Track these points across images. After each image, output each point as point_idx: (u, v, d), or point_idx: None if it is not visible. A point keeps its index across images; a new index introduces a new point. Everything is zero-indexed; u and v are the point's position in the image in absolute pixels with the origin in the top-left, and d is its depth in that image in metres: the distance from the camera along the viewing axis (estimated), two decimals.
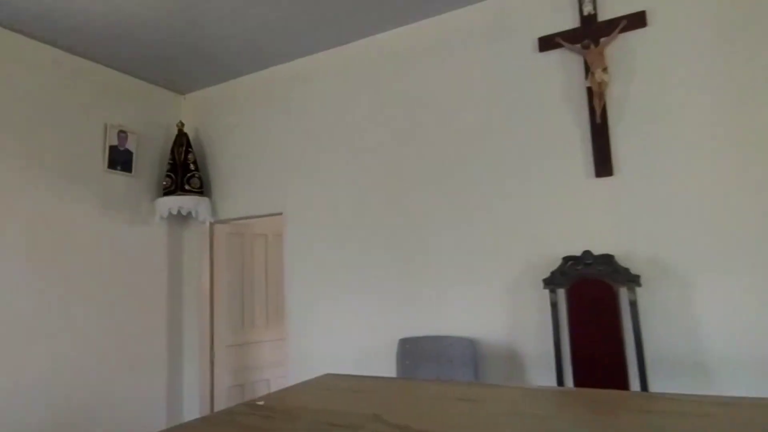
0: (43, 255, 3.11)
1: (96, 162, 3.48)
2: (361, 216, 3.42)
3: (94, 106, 3.52)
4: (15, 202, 2.99)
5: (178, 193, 3.69)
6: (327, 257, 3.49)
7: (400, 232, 3.29)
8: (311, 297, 3.53)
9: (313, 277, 3.53)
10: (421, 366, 3.09)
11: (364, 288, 3.36)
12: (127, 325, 3.60)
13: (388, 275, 3.29)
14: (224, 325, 4.09)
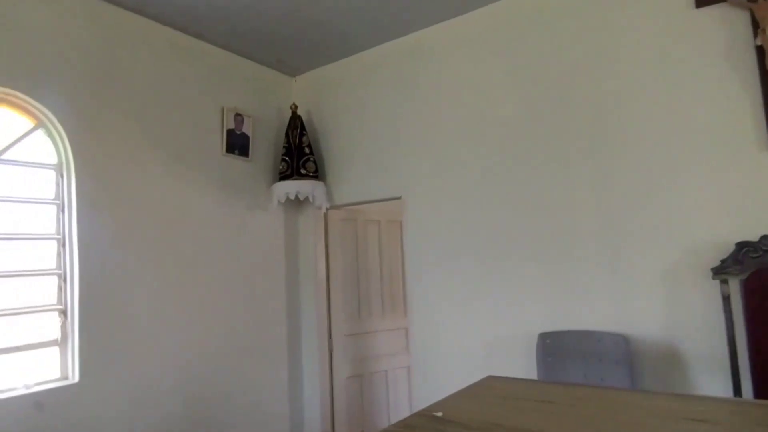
0: (165, 242, 3.03)
1: (214, 146, 3.37)
2: (489, 199, 3.01)
3: (210, 89, 3.40)
4: (138, 188, 2.92)
5: (294, 177, 3.50)
6: (452, 243, 3.12)
7: (535, 216, 2.86)
8: (435, 285, 3.18)
9: (437, 265, 3.18)
10: (566, 364, 2.68)
11: (494, 277, 2.96)
12: (248, 313, 3.49)
13: (522, 263, 2.88)
14: (341, 314, 3.89)
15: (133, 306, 2.85)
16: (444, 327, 3.14)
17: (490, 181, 3.03)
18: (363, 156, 3.57)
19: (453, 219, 3.14)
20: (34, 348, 2.57)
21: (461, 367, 3.05)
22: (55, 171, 2.67)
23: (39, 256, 2.63)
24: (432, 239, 3.21)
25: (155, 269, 2.97)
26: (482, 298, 3.01)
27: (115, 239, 2.80)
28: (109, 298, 2.74)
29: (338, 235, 3.92)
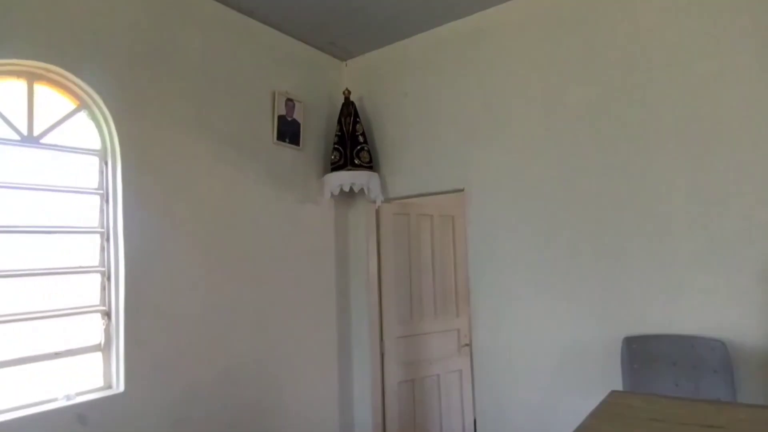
0: (213, 238, 2.73)
1: (265, 133, 3.05)
2: (565, 189, 2.69)
3: (261, 71, 3.07)
4: (187, 177, 2.62)
5: (348, 167, 3.18)
6: (521, 239, 2.80)
7: (618, 208, 2.53)
8: (501, 284, 2.87)
9: (504, 262, 2.87)
10: (655, 372, 2.38)
11: (570, 275, 2.64)
12: (298, 314, 3.18)
13: (603, 260, 2.55)
14: (393, 315, 3.56)
15: (181, 306, 2.56)
16: (511, 330, 2.83)
17: (566, 170, 2.69)
18: (421, 145, 3.23)
19: (522, 212, 2.81)
20: (75, 354, 2.29)
21: (530, 374, 2.75)
22: (98, 157, 2.37)
23: (80, 251, 2.35)
24: (498, 234, 2.89)
25: (203, 267, 2.67)
26: (556, 299, 2.69)
27: (163, 233, 2.51)
28: (155, 297, 2.45)
29: (390, 231, 3.60)
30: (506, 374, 2.83)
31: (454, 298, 3.89)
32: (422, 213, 3.77)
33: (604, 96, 2.61)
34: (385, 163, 3.41)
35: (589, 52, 2.66)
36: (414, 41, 3.33)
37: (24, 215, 2.16)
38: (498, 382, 2.86)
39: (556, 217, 2.70)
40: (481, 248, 2.97)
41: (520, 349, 2.80)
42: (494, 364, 2.88)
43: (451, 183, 3.09)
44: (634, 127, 2.50)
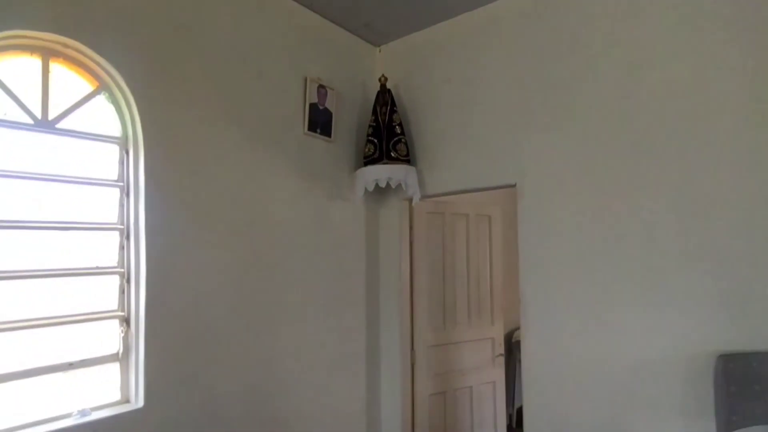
0: (242, 237, 2.51)
1: (295, 123, 2.80)
2: (641, 180, 2.37)
3: (294, 55, 2.83)
4: (215, 170, 2.39)
5: (384, 161, 2.94)
6: (584, 238, 2.52)
7: (706, 205, 2.20)
8: (559, 290, 2.60)
9: (563, 265, 2.58)
10: (761, 396, 2.03)
11: (647, 279, 2.33)
12: (327, 321, 2.95)
13: (692, 261, 2.22)
14: (425, 322, 3.33)
15: (206, 312, 2.34)
16: (570, 342, 2.55)
17: (645, 158, 2.35)
18: (464, 136, 2.97)
19: (587, 208, 2.52)
20: (90, 365, 2.07)
21: (593, 395, 2.46)
22: (118, 146, 2.14)
23: (97, 250, 2.13)
24: (557, 234, 2.61)
25: (230, 269, 2.45)
26: (628, 307, 2.38)
27: (189, 231, 2.28)
28: (179, 302, 2.22)
29: (424, 231, 3.37)
30: (563, 392, 2.57)
31: (489, 305, 3.68)
32: (457, 212, 3.55)
33: (703, 74, 2.23)
34: (422, 157, 3.16)
35: (688, 19, 2.28)
36: (459, 21, 3.05)
37: (34, 209, 1.93)
38: (553, 401, 2.60)
39: (629, 215, 2.39)
40: (535, 250, 2.70)
41: (580, 364, 2.52)
42: (548, 380, 2.62)
43: (501, 178, 2.82)
44: (733, 107, 2.16)
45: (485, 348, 3.64)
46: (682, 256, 2.26)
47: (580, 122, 2.56)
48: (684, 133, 2.27)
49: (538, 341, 2.66)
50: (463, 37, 3.03)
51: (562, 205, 2.61)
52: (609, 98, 2.48)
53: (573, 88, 2.59)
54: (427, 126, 3.16)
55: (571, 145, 2.58)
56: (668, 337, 2.28)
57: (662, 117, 2.33)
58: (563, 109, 2.62)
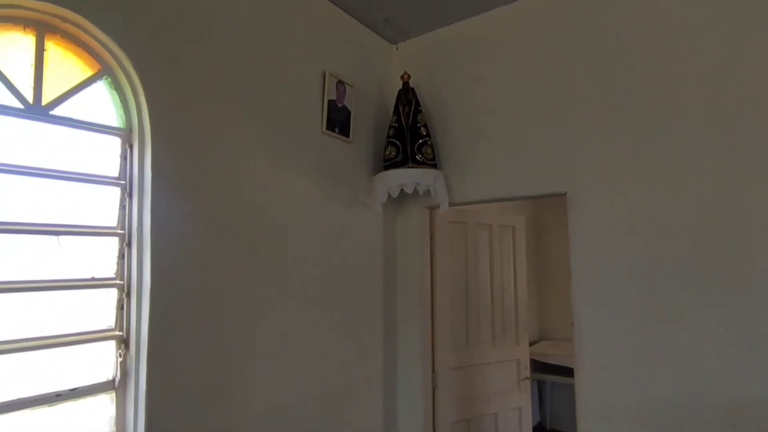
0: (258, 246, 2.27)
1: (313, 120, 2.60)
2: (729, 192, 2.13)
3: (313, 48, 2.64)
4: (229, 169, 2.16)
5: (410, 164, 2.73)
6: (644, 257, 2.30)
7: None
8: (621, 312, 2.35)
9: (626, 284, 2.34)
10: None
11: (735, 308, 2.09)
12: (343, 341, 2.71)
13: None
14: (447, 342, 3.10)
15: (221, 332, 2.08)
16: (626, 369, 2.31)
17: (734, 168, 2.11)
18: (502, 140, 2.77)
19: (658, 223, 2.28)
20: (81, 395, 1.78)
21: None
22: (121, 139, 1.90)
23: (92, 258, 1.87)
24: (617, 250, 2.38)
25: (245, 282, 2.20)
26: (704, 343, 2.12)
27: (201, 238, 2.03)
28: (189, 320, 1.96)
29: (446, 242, 3.16)
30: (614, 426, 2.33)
31: (514, 323, 3.47)
32: (481, 222, 3.35)
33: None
34: (448, 161, 2.96)
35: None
36: (493, 16, 2.88)
37: (21, 208, 1.67)
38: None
39: (705, 229, 2.16)
40: (591, 267, 2.45)
41: (649, 402, 2.25)
42: (608, 420, 2.35)
43: (548, 185, 2.60)
44: None
45: (511, 371, 3.41)
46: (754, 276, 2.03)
47: (649, 125, 2.34)
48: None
49: (597, 373, 2.40)
50: (498, 33, 2.87)
51: (625, 217, 2.37)
52: (691, 100, 2.25)
53: (634, 88, 2.39)
54: (453, 128, 2.97)
55: (636, 151, 2.36)
56: (753, 366, 2.02)
57: (751, 120, 2.10)
58: (625, 111, 2.41)
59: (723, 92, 2.18)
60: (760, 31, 2.12)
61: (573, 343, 2.51)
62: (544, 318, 5.00)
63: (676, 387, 2.21)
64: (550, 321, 4.96)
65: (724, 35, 2.20)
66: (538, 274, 5.01)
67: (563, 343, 4.66)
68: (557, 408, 4.70)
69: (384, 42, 3.21)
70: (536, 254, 4.98)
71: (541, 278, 5.02)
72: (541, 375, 4.43)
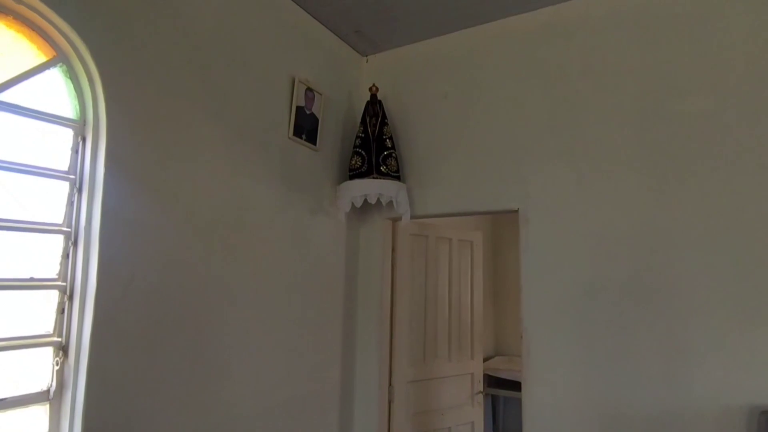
0: (215, 250, 2.15)
1: (279, 125, 2.53)
2: (663, 215, 2.27)
3: (283, 53, 2.59)
4: (189, 169, 2.05)
5: (374, 175, 2.71)
6: (598, 271, 2.38)
7: (745, 241, 2.10)
8: (568, 326, 2.42)
9: (573, 300, 2.42)
10: None
11: (670, 322, 2.19)
12: (300, 349, 2.61)
13: (721, 306, 2.11)
14: (405, 355, 3.05)
15: (171, 341, 1.95)
16: (581, 390, 2.35)
17: (668, 195, 2.26)
18: (462, 156, 2.81)
19: (601, 240, 2.38)
20: (8, 407, 1.60)
21: None
22: (74, 131, 1.76)
23: (32, 257, 1.71)
24: (567, 266, 2.46)
25: (202, 288, 2.09)
26: (646, 352, 2.21)
27: (154, 238, 1.91)
28: (136, 327, 1.83)
29: (407, 255, 3.13)
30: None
31: (470, 338, 3.46)
32: (441, 236, 3.35)
33: (726, 105, 2.19)
34: (411, 174, 2.95)
35: (701, 54, 2.27)
36: (461, 36, 2.93)
37: None
38: None
39: (649, 248, 2.28)
40: (540, 282, 2.51)
41: (591, 413, 2.31)
42: (545, 425, 2.41)
43: (502, 202, 2.66)
44: (755, 149, 2.12)
45: (464, 384, 3.40)
46: (710, 297, 2.14)
47: (594, 151, 2.47)
48: (704, 166, 2.21)
49: (543, 386, 2.44)
50: (463, 53, 2.92)
51: (571, 235, 2.47)
52: (626, 129, 2.40)
53: (583, 115, 2.52)
54: (417, 142, 2.98)
55: (580, 173, 2.49)
56: (697, 388, 2.11)
57: (682, 149, 2.27)
58: (572, 135, 2.53)
59: (653, 123, 2.35)
60: (688, 68, 2.30)
61: None
62: (500, 333, 5.05)
63: (618, 398, 2.28)
64: (505, 336, 5.02)
65: (657, 72, 2.37)
66: (494, 290, 5.07)
67: (517, 358, 4.70)
68: (510, 423, 4.73)
69: (355, 53, 3.19)
70: (493, 270, 5.04)
71: (497, 294, 5.08)
72: (495, 390, 4.44)
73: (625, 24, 2.48)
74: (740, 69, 2.21)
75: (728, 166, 2.17)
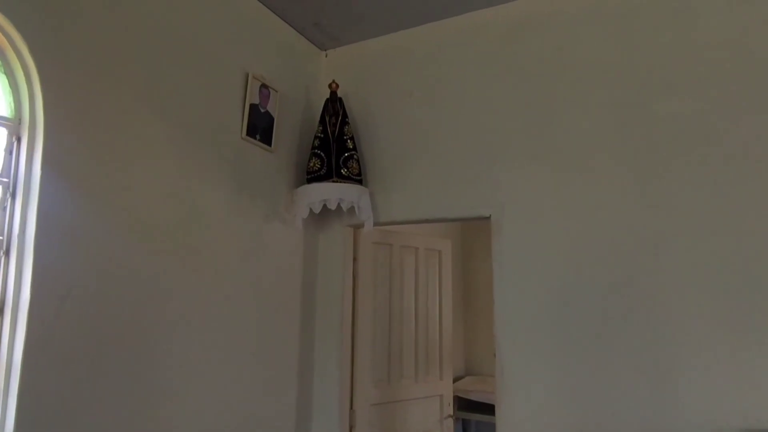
0: (161, 260, 2.28)
1: (231, 124, 2.67)
2: (645, 222, 2.44)
3: (236, 47, 2.73)
4: (134, 172, 2.17)
5: (334, 179, 2.88)
6: (574, 285, 2.55)
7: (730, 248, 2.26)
8: (544, 345, 2.58)
9: (548, 316, 2.59)
10: None
11: (653, 340, 2.35)
12: (252, 368, 2.73)
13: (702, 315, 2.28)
14: (368, 375, 3.23)
15: (114, 360, 2.04)
16: (557, 407, 2.52)
17: (647, 200, 2.44)
18: (429, 159, 3.00)
19: (580, 249, 2.56)
20: None
21: None
22: (8, 130, 1.85)
23: None
24: (542, 279, 2.63)
25: (144, 300, 2.19)
26: (625, 371, 2.37)
27: (97, 247, 2.01)
28: (77, 346, 1.92)
29: (370, 265, 3.31)
30: None
31: (438, 356, 3.66)
32: (407, 245, 3.55)
33: (705, 108, 2.39)
34: (374, 178, 3.14)
35: (685, 50, 2.47)
36: (428, 30, 3.13)
37: None
38: None
39: (630, 258, 2.45)
40: (514, 296, 2.67)
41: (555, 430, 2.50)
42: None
43: (472, 208, 2.84)
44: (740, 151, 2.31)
45: (433, 407, 3.60)
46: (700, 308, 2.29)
47: (569, 155, 2.66)
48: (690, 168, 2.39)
49: (519, 408, 2.59)
50: (430, 48, 3.13)
51: (548, 243, 2.65)
52: (604, 132, 2.60)
53: (560, 114, 2.72)
54: (381, 143, 3.18)
55: (556, 177, 2.67)
56: (684, 408, 2.26)
57: (666, 150, 2.44)
58: (548, 136, 2.73)
59: (634, 123, 2.55)
60: (671, 66, 2.51)
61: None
62: (470, 351, 5.28)
63: (600, 421, 2.42)
64: (476, 354, 5.25)
65: (637, 69, 2.58)
66: (465, 304, 5.30)
67: (490, 378, 4.93)
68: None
69: (313, 47, 3.37)
70: (464, 282, 5.28)
71: (468, 308, 5.32)
72: (466, 413, 4.65)
73: (602, 18, 2.69)
74: (726, 67, 2.39)
75: (716, 168, 2.35)
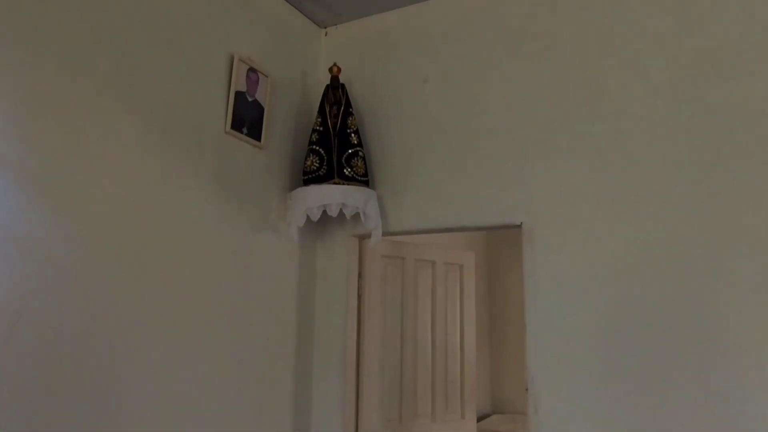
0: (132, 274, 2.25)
1: (214, 116, 2.65)
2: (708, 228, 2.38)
3: (218, 25, 2.72)
4: (100, 169, 2.16)
5: (335, 180, 2.85)
6: (612, 304, 2.50)
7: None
8: (579, 373, 2.53)
9: (583, 338, 2.54)
10: None
11: (706, 366, 2.31)
12: (237, 402, 2.69)
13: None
14: (375, 414, 3.18)
15: (68, 394, 2.00)
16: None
17: (711, 201, 2.37)
18: (449, 157, 2.96)
19: (629, 264, 2.49)
20: None
21: None
22: None
23: None
24: (582, 298, 2.57)
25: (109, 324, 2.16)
26: (681, 409, 2.30)
27: (53, 259, 1.99)
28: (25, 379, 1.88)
29: (378, 283, 3.28)
30: None
31: (459, 391, 3.60)
32: (422, 258, 3.50)
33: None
34: (383, 179, 3.10)
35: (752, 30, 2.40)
36: (445, 2, 3.10)
37: None
38: None
39: (698, 272, 2.37)
40: (551, 317, 2.60)
41: None
42: None
43: (499, 215, 2.79)
44: None
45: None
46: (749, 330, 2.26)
47: (617, 151, 2.60)
48: (758, 166, 2.33)
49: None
50: (447, 26, 3.10)
51: (590, 256, 2.58)
52: (660, 122, 2.53)
53: (604, 103, 2.66)
54: (392, 137, 3.15)
55: (600, 177, 2.62)
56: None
57: (729, 145, 2.39)
58: (590, 130, 2.68)
59: (697, 113, 2.48)
60: (739, 45, 2.45)
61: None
62: (497, 384, 5.22)
63: None
64: (504, 388, 5.18)
65: (700, 47, 2.52)
66: (490, 328, 5.25)
67: (520, 417, 4.86)
68: None
69: (311, 24, 3.37)
70: (489, 302, 5.23)
71: (494, 333, 5.27)
72: None
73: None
74: None
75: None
